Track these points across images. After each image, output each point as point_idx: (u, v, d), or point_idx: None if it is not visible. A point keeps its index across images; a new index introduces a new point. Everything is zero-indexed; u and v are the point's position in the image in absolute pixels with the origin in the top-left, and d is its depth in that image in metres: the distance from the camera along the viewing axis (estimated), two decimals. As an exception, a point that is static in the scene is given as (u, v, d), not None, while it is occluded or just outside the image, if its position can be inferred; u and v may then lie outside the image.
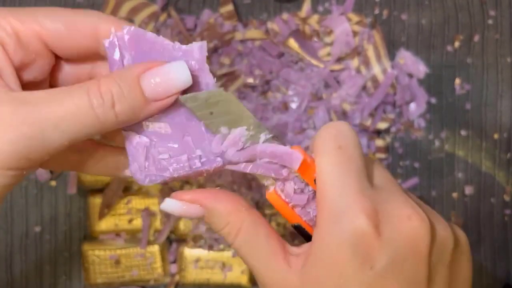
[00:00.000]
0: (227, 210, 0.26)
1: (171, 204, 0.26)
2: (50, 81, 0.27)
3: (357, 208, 0.24)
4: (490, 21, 0.53)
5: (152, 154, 0.26)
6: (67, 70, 0.27)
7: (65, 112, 0.22)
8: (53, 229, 0.53)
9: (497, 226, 0.52)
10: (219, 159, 0.26)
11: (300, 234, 0.28)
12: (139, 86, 0.23)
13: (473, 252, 0.52)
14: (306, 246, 0.26)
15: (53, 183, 0.53)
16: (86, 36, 0.25)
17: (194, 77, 0.25)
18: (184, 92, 0.24)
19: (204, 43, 0.25)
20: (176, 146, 0.26)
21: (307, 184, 0.27)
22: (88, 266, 0.51)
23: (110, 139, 0.29)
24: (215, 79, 0.25)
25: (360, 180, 0.25)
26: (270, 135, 0.26)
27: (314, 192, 0.27)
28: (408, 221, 0.24)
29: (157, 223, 0.52)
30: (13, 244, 0.52)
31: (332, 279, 0.24)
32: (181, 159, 0.26)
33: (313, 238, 0.25)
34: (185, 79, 0.24)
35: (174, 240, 0.52)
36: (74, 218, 0.53)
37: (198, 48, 0.25)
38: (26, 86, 0.25)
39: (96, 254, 0.50)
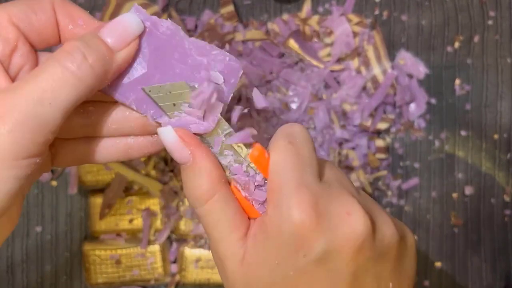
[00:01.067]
0: (210, 173, 0.27)
1: (169, 133, 0.27)
2: None
3: (296, 199, 0.25)
4: (490, 22, 0.53)
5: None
6: (44, 59, 0.28)
7: (44, 84, 0.23)
8: (54, 229, 0.53)
9: (497, 227, 0.52)
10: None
11: None
12: (101, 39, 0.25)
13: (473, 252, 0.52)
14: (253, 226, 0.27)
15: (54, 183, 0.53)
16: (49, 13, 0.26)
17: (153, 33, 0.26)
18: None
19: (135, 4, 0.27)
20: (196, 86, 0.27)
21: (265, 181, 0.27)
22: (89, 266, 0.51)
23: (130, 131, 0.29)
24: (168, 19, 0.27)
25: (305, 173, 0.26)
26: (229, 130, 0.27)
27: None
28: (346, 216, 0.26)
29: (158, 223, 0.52)
30: (14, 244, 0.53)
31: (270, 261, 0.26)
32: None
33: (260, 223, 0.27)
34: (136, 22, 0.26)
35: (174, 240, 0.53)
36: (75, 218, 0.53)
37: (135, 10, 0.26)
38: (14, 80, 0.26)
39: (96, 254, 0.51)
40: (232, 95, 0.28)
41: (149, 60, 0.26)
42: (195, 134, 0.27)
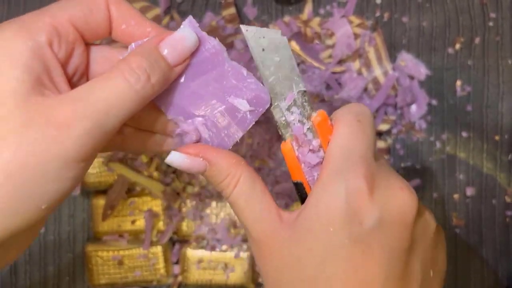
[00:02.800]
0: (228, 162, 0.28)
1: (176, 157, 0.28)
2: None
3: (358, 171, 0.26)
4: (491, 23, 0.53)
5: (211, 126, 0.29)
6: (96, 57, 0.29)
7: (110, 98, 0.24)
8: (56, 230, 0.53)
9: (498, 228, 0.52)
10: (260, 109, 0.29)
11: (298, 193, 0.30)
12: (162, 56, 0.26)
13: (475, 253, 0.52)
14: (301, 207, 0.28)
15: (57, 184, 0.53)
16: (104, 10, 0.27)
17: (199, 47, 0.28)
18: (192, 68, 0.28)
19: (190, 17, 0.28)
20: (222, 108, 0.29)
21: (320, 148, 0.28)
22: (92, 267, 0.51)
23: (149, 127, 0.30)
24: (216, 38, 0.28)
25: (368, 151, 0.27)
26: (303, 89, 0.29)
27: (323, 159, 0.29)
28: (400, 190, 0.27)
29: (160, 224, 0.52)
30: (17, 245, 0.53)
31: (322, 229, 0.26)
32: (236, 115, 0.29)
33: (310, 194, 0.28)
34: (194, 40, 0.27)
35: (176, 241, 0.53)
36: (78, 219, 0.53)
37: (190, 23, 0.27)
38: (71, 80, 0.27)
39: (99, 255, 0.51)
40: (253, 123, 0.29)
41: (188, 72, 0.28)
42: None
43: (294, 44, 0.52)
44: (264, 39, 0.28)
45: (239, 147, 0.51)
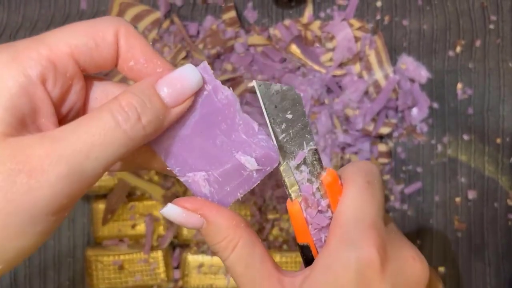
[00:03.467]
0: (227, 223, 0.26)
1: (172, 210, 0.26)
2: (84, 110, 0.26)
3: (370, 240, 0.25)
4: (491, 26, 0.53)
5: (213, 183, 0.27)
6: (96, 92, 0.26)
7: (94, 138, 0.21)
8: (56, 235, 0.53)
9: (500, 231, 0.52)
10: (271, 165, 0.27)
11: (303, 256, 0.28)
12: (158, 95, 0.23)
13: (477, 257, 0.52)
14: (305, 270, 0.27)
15: (57, 189, 0.53)
16: (111, 44, 0.24)
17: (211, 97, 0.26)
18: (200, 121, 0.26)
19: (204, 62, 0.26)
20: (228, 165, 0.27)
21: (328, 209, 0.27)
22: (92, 271, 0.51)
23: (147, 167, 0.28)
24: (230, 89, 0.26)
25: (378, 216, 0.26)
26: (314, 147, 0.27)
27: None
28: (412, 261, 0.26)
29: (160, 229, 0.52)
30: (17, 250, 0.53)
31: None
32: (241, 174, 0.27)
33: (317, 259, 0.26)
34: (197, 80, 0.25)
35: (177, 245, 0.52)
36: (78, 224, 0.53)
37: (203, 70, 0.26)
38: (65, 118, 0.25)
39: (99, 259, 0.51)
40: (258, 182, 0.27)
41: (196, 122, 0.26)
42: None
43: (294, 47, 0.52)
44: (277, 95, 0.26)
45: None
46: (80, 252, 0.53)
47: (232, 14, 0.53)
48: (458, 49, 0.53)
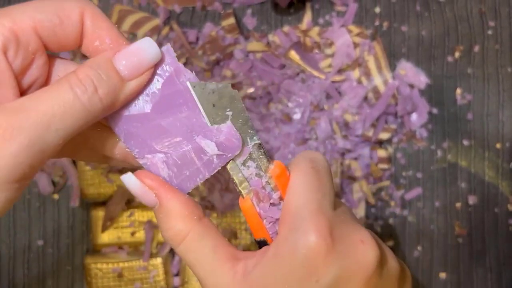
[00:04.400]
0: (179, 211, 0.26)
1: (130, 180, 0.26)
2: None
3: (315, 224, 0.25)
4: (489, 32, 0.53)
5: (172, 165, 0.26)
6: (59, 70, 0.26)
7: (54, 109, 0.22)
8: (55, 243, 0.53)
9: (501, 236, 0.52)
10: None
11: None
12: (114, 68, 0.24)
13: (478, 263, 0.52)
14: (258, 253, 0.27)
15: (56, 196, 0.53)
16: (76, 22, 0.24)
17: (172, 79, 0.26)
18: (161, 103, 0.25)
19: (168, 45, 0.26)
20: (188, 149, 0.26)
21: (280, 201, 0.27)
22: (91, 279, 0.50)
23: (107, 152, 0.28)
24: (193, 72, 0.26)
25: (324, 200, 0.26)
26: (258, 141, 0.27)
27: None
28: (361, 243, 0.26)
29: (160, 236, 0.51)
30: (15, 258, 0.52)
31: (278, 286, 0.25)
32: (202, 157, 0.26)
33: (269, 247, 0.26)
34: (154, 53, 0.25)
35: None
36: (77, 231, 0.53)
37: (166, 52, 0.25)
38: (26, 93, 0.25)
39: (98, 267, 0.50)
40: (219, 168, 0.27)
41: (156, 103, 0.26)
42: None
43: (293, 53, 0.52)
44: (214, 94, 0.26)
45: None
46: (79, 260, 0.52)
47: (231, 20, 0.53)
48: (457, 54, 0.53)
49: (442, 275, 0.52)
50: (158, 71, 0.25)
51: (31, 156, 0.21)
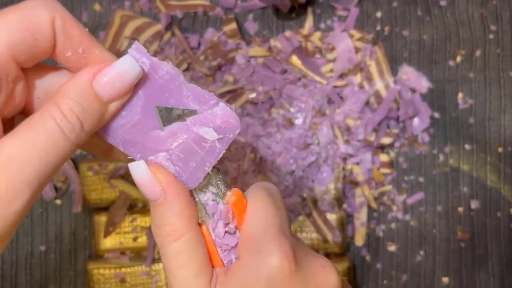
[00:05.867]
0: (182, 210, 0.25)
1: (140, 169, 0.25)
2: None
3: (278, 246, 0.25)
4: (491, 36, 0.53)
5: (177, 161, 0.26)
6: (37, 88, 0.25)
7: (46, 150, 0.22)
8: (58, 248, 0.53)
9: (504, 241, 0.52)
10: None
11: None
12: (94, 93, 0.23)
13: (481, 267, 0.52)
14: (222, 273, 0.26)
15: (58, 201, 0.53)
16: (49, 33, 0.23)
17: (151, 76, 0.25)
18: (143, 85, 0.25)
19: (136, 42, 0.25)
20: (188, 140, 0.26)
21: (236, 229, 0.27)
22: (93, 285, 0.50)
23: (109, 156, 0.28)
24: (168, 62, 0.25)
25: (285, 223, 0.26)
26: (216, 168, 0.27)
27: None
28: (322, 268, 0.26)
29: (162, 241, 0.51)
30: (18, 263, 0.52)
31: None
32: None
33: (230, 270, 0.26)
34: (136, 73, 0.24)
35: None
36: (79, 237, 0.53)
37: (135, 49, 0.25)
38: (9, 121, 0.24)
39: (101, 272, 0.50)
40: (224, 152, 0.26)
41: (143, 106, 0.25)
42: None
43: (295, 58, 0.52)
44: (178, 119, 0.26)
45: (241, 162, 0.51)
46: (82, 265, 0.52)
47: (233, 26, 0.53)
48: (459, 59, 0.53)
49: (445, 279, 0.52)
50: None
51: (33, 201, 0.22)
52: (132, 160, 0.26)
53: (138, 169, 0.25)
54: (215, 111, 0.26)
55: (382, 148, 0.53)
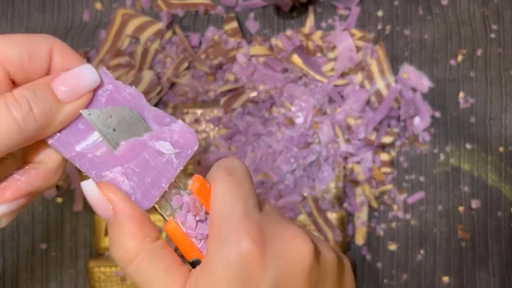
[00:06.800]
0: (131, 231, 0.25)
1: (89, 188, 0.26)
2: None
3: (242, 231, 0.25)
4: (492, 35, 0.53)
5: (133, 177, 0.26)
6: None
7: None
8: (59, 246, 0.53)
9: (504, 240, 0.52)
10: None
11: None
12: (51, 90, 0.24)
13: (481, 267, 0.51)
14: (194, 272, 0.26)
15: (59, 200, 0.53)
16: (44, 58, 0.25)
17: (115, 97, 0.26)
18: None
19: (103, 68, 0.26)
20: (144, 154, 0.26)
21: (207, 215, 0.26)
22: (94, 283, 0.50)
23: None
24: (133, 86, 0.26)
25: (247, 204, 0.26)
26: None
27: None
28: (292, 240, 0.26)
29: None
30: (19, 261, 0.53)
31: None
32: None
33: (201, 264, 0.26)
34: (93, 78, 0.25)
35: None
36: (80, 235, 0.53)
37: (103, 74, 0.26)
38: None
39: (102, 271, 0.50)
40: (181, 168, 0.26)
41: None
42: None
43: (296, 57, 0.52)
44: (112, 118, 0.25)
45: (242, 160, 0.51)
46: (83, 264, 0.53)
47: (234, 24, 0.53)
48: (460, 58, 0.53)
49: (445, 279, 0.52)
50: (100, 92, 0.26)
51: None
52: (86, 178, 0.26)
53: (89, 188, 0.26)
54: (173, 128, 0.26)
55: (383, 147, 0.53)
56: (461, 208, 0.52)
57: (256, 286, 0.24)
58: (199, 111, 0.52)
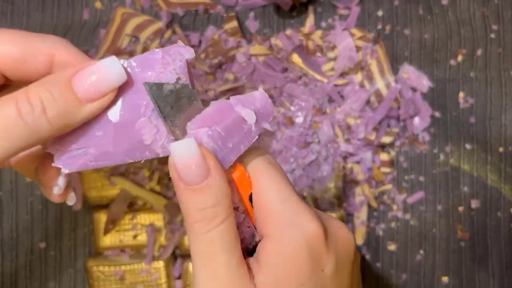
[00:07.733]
0: (227, 193, 0.24)
1: (188, 147, 0.23)
2: None
3: (308, 215, 0.25)
4: (492, 35, 0.53)
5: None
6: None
7: None
8: (58, 245, 0.53)
9: (504, 240, 0.52)
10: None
11: None
12: (71, 88, 0.22)
13: (481, 267, 0.51)
14: (254, 260, 0.26)
15: (58, 199, 0.53)
16: (41, 62, 0.24)
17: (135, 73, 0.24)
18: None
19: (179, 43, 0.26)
20: (229, 120, 0.25)
21: (240, 204, 0.26)
22: (93, 282, 0.50)
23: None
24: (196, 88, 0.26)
25: (295, 192, 0.27)
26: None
27: (244, 212, 0.27)
28: (340, 229, 0.27)
29: (162, 239, 0.51)
30: (18, 260, 0.52)
31: (291, 282, 0.25)
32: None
33: (263, 251, 0.25)
34: (117, 75, 0.23)
35: (179, 255, 0.52)
36: (79, 234, 0.53)
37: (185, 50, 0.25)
38: None
39: (100, 270, 0.50)
40: (258, 136, 0.26)
41: (123, 108, 0.24)
42: None
43: (296, 57, 0.52)
44: (171, 95, 0.24)
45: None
46: (82, 263, 0.52)
47: (233, 24, 0.53)
48: (460, 58, 0.53)
49: (444, 279, 0.52)
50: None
51: None
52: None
53: (188, 147, 0.23)
54: (255, 94, 0.26)
55: (383, 147, 0.53)
56: (460, 208, 0.52)
57: (323, 269, 0.25)
58: (198, 111, 0.52)
